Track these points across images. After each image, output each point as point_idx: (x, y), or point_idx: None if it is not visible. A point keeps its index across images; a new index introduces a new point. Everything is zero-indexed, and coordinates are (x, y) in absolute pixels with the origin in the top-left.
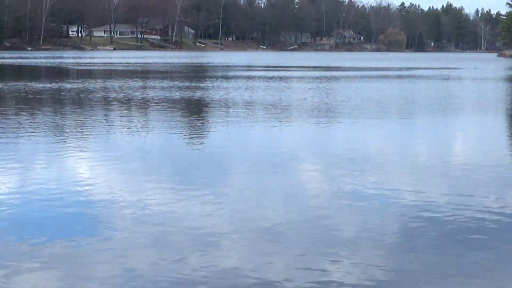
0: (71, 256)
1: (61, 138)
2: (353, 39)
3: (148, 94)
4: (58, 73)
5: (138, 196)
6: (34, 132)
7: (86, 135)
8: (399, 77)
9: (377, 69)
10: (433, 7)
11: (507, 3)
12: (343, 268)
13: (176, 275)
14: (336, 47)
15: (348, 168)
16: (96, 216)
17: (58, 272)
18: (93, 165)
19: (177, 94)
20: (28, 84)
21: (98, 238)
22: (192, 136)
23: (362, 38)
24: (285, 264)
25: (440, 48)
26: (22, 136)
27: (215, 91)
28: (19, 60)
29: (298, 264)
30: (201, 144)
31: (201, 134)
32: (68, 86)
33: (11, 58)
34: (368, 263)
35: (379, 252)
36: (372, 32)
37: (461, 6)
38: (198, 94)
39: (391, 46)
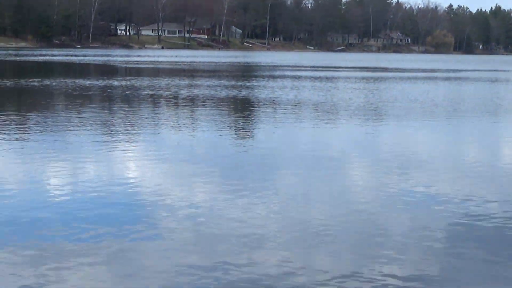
0: (120, 253)
1: (109, 135)
2: (401, 40)
3: (195, 93)
4: (106, 70)
5: (186, 194)
6: (82, 129)
7: (134, 132)
8: (447, 79)
9: (424, 70)
10: (481, 9)
11: None
12: (391, 270)
13: (222, 272)
14: (383, 49)
15: (396, 169)
16: (144, 213)
17: (107, 269)
18: (141, 162)
19: (223, 93)
20: (76, 81)
21: (147, 235)
22: (239, 135)
23: (409, 39)
24: (331, 266)
25: (488, 50)
26: (71, 133)
27: (261, 90)
28: (68, 58)
29: (345, 266)
30: (248, 143)
31: (248, 133)
32: (116, 83)
33: (59, 55)
34: (414, 265)
35: (427, 255)
36: (420, 34)
37: (510, 9)
38: (244, 92)
39: (439, 48)
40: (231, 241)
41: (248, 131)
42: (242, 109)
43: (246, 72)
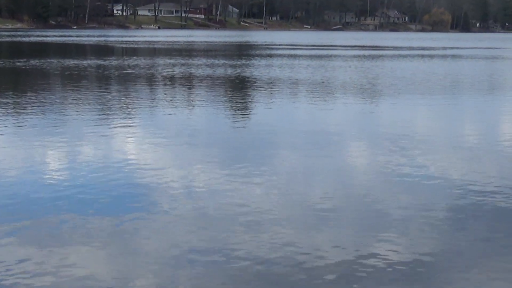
0: (118, 234)
1: (106, 116)
2: (398, 19)
3: (190, 72)
4: (98, 50)
5: (184, 173)
6: (79, 109)
7: (130, 113)
8: (443, 56)
9: (421, 48)
10: None
11: None
12: (391, 246)
13: (221, 252)
14: (381, 27)
15: (393, 146)
16: (142, 194)
17: (105, 249)
18: (139, 143)
19: (219, 72)
20: (63, 61)
21: (145, 215)
22: (236, 114)
23: (406, 18)
24: (332, 243)
25: (486, 28)
26: (67, 113)
27: (258, 69)
28: (62, 38)
29: (346, 242)
30: (246, 121)
31: (245, 112)
32: (104, 63)
33: (53, 36)
34: (416, 241)
35: (427, 231)
36: (417, 12)
37: None
38: (241, 72)
39: (436, 26)
40: (230, 221)
41: (245, 110)
42: (239, 88)
43: (243, 51)
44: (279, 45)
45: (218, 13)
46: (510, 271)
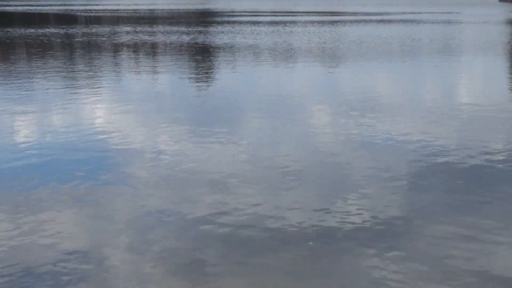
0: (88, 198)
1: (72, 83)
2: None
3: (154, 39)
4: (61, 19)
5: (152, 137)
6: (44, 78)
7: (96, 80)
8: (400, 21)
9: (378, 13)
10: None
11: None
12: (354, 206)
13: (190, 215)
14: None
15: (357, 110)
16: (111, 157)
17: (76, 213)
18: (105, 109)
19: (183, 39)
20: (32, 30)
21: (114, 179)
22: (201, 80)
23: None
24: (297, 206)
25: None
26: (33, 82)
27: (221, 35)
28: (24, 8)
29: (311, 205)
30: (210, 88)
31: (210, 78)
32: (69, 31)
33: (15, 6)
34: (378, 202)
35: (389, 191)
36: None
37: None
38: (204, 38)
39: None
40: (197, 184)
41: (210, 76)
42: (202, 54)
43: (205, 18)
44: (240, 12)
45: None
46: (468, 227)
